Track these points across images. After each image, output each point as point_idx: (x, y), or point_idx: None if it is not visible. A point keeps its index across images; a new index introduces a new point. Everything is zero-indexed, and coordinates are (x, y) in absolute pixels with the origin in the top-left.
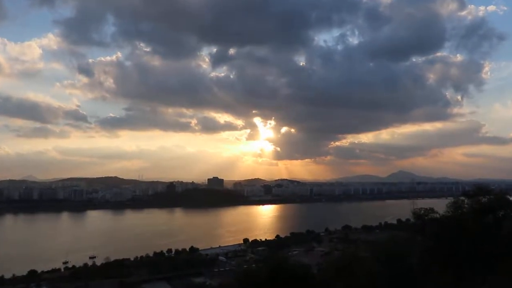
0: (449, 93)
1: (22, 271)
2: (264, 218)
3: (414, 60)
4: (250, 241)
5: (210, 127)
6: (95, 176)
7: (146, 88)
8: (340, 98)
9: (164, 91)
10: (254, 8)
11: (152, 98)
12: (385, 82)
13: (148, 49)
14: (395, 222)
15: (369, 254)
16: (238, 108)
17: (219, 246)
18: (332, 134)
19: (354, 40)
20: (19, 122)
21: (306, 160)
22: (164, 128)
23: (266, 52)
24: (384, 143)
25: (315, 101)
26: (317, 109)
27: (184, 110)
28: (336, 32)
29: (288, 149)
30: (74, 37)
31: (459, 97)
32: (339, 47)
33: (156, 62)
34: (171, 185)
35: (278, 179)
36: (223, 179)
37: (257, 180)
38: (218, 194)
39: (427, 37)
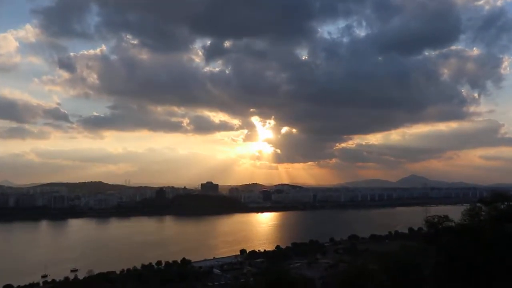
0: (465, 90)
1: None
2: (263, 227)
3: (426, 54)
4: (247, 252)
5: (204, 127)
6: (77, 181)
7: (133, 84)
8: (346, 95)
9: (153, 87)
10: None
11: (140, 95)
12: (395, 77)
13: (135, 42)
14: (406, 231)
15: (378, 266)
16: (234, 106)
17: (214, 257)
18: (337, 135)
19: (361, 32)
20: None
21: (309, 163)
22: (153, 128)
23: (265, 45)
24: (395, 144)
25: (318, 98)
26: (321, 107)
27: (175, 109)
28: (341, 23)
29: (289, 151)
30: (54, 28)
31: (476, 95)
32: (345, 40)
33: (144, 55)
34: (160, 191)
35: (279, 184)
36: (217, 184)
37: (255, 185)
38: (212, 200)
39: (440, 29)
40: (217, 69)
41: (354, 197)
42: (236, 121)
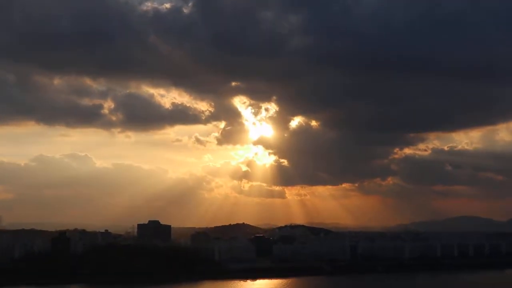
0: None
1: None
2: None
3: None
4: None
5: (141, 116)
6: None
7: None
8: (414, 57)
9: (50, 38)
10: None
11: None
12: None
13: None
14: None
15: None
16: (200, 76)
17: None
18: (397, 131)
19: None
20: None
21: (342, 186)
22: (45, 118)
23: None
24: (506, 151)
25: (361, 61)
26: (364, 79)
27: (87, 81)
28: None
29: (306, 164)
30: None
31: None
32: None
33: None
34: (61, 239)
35: (286, 226)
36: (170, 226)
37: (240, 227)
38: (158, 256)
39: None
40: (166, 5)
41: (429, 251)
42: (202, 106)
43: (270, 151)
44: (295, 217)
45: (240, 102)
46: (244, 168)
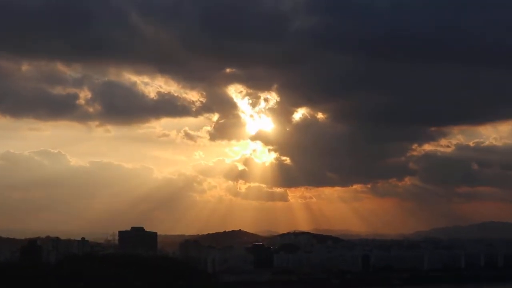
0: None
1: None
2: None
3: None
4: None
5: (122, 107)
6: None
7: None
8: (437, 39)
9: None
10: None
11: None
12: None
13: None
14: None
15: None
16: (189, 61)
17: None
18: (415, 125)
19: None
20: None
21: (353, 187)
22: (9, 110)
23: None
24: None
25: (375, 44)
26: (379, 64)
27: (59, 66)
28: None
29: (310, 161)
30: None
31: None
32: None
33: None
34: (31, 248)
35: (289, 233)
36: (156, 233)
37: (237, 234)
38: (143, 267)
39: None
40: None
41: (451, 261)
42: (194, 95)
43: (270, 147)
44: (299, 223)
45: (235, 91)
46: (241, 167)
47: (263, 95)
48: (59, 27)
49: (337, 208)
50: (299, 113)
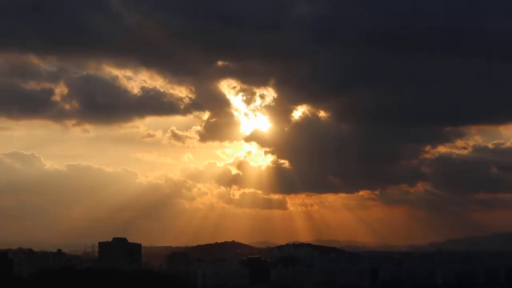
0: None
1: None
2: None
3: None
4: None
5: (102, 104)
6: None
7: None
8: (454, 31)
9: None
10: None
11: None
12: None
13: None
14: None
15: None
16: (177, 54)
17: None
18: (428, 124)
19: None
20: None
21: (358, 193)
22: None
23: None
24: None
25: (383, 36)
26: (387, 58)
27: (32, 58)
28: None
29: (311, 164)
30: None
31: None
32: None
33: None
34: (1, 260)
35: (288, 244)
36: (140, 244)
37: (230, 245)
38: (125, 282)
39: None
40: None
41: (468, 275)
42: (182, 91)
43: (267, 149)
44: (299, 233)
45: (228, 87)
46: (234, 171)
47: (258, 91)
48: (32, 14)
49: (342, 217)
50: (299, 111)
